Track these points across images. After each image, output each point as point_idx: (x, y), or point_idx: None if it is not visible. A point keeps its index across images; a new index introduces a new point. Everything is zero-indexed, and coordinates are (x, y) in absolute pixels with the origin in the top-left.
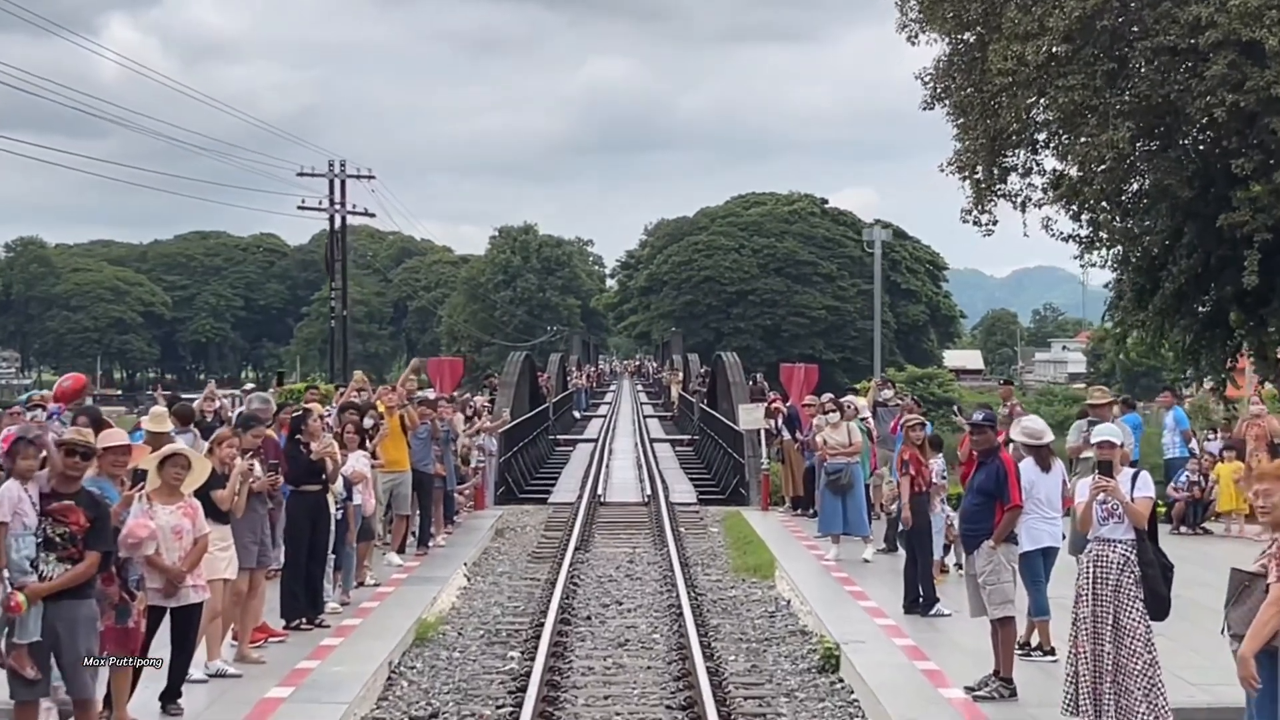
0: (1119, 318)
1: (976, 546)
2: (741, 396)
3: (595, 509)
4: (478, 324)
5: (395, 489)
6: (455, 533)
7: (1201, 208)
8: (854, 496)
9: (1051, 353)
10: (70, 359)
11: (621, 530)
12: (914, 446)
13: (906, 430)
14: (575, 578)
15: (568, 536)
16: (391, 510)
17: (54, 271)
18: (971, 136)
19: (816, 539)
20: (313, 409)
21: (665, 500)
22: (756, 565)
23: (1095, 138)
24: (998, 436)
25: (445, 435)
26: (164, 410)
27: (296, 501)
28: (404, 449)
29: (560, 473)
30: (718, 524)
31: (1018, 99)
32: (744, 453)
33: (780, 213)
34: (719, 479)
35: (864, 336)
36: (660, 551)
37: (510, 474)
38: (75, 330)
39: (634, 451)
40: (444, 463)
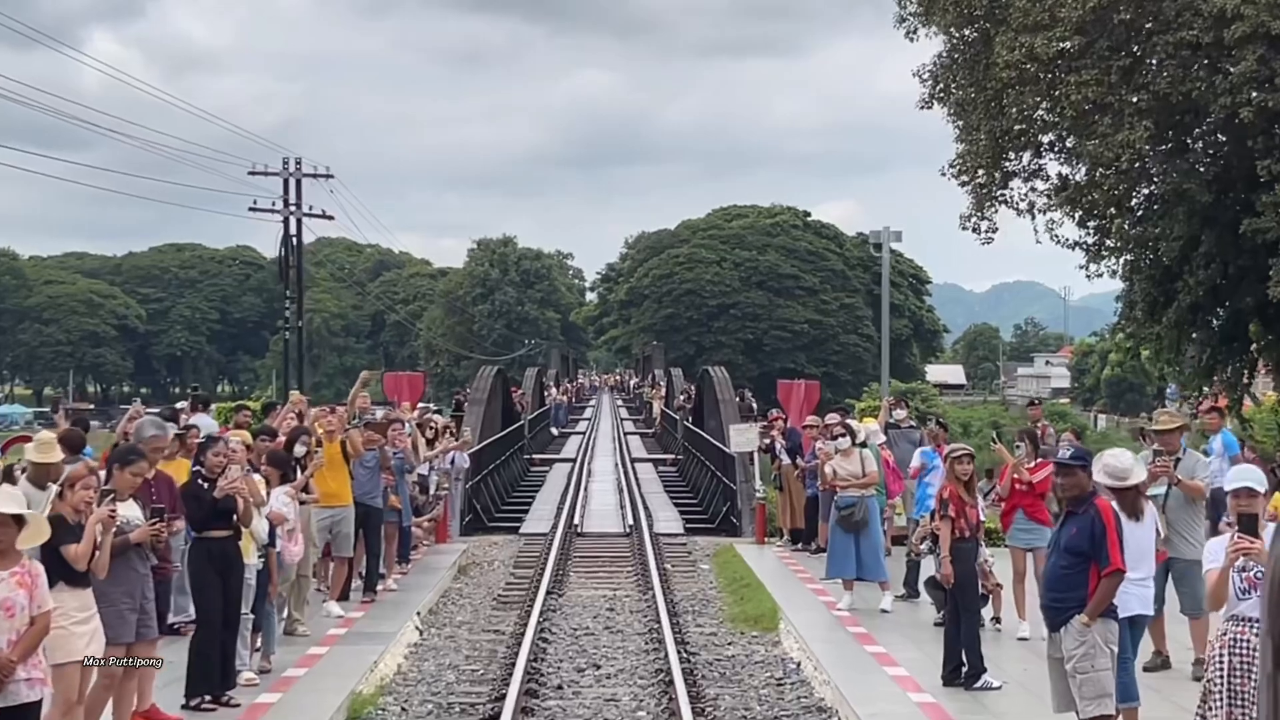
0: (1130, 330)
1: (1064, 621)
2: (732, 415)
3: (571, 541)
4: (455, 338)
5: (335, 527)
6: (411, 571)
7: (1220, 213)
8: (869, 535)
9: (1034, 367)
10: (43, 373)
11: (600, 567)
12: (959, 483)
13: (952, 463)
14: (546, 630)
15: (539, 576)
16: (332, 553)
17: (26, 284)
18: (974, 138)
19: (824, 582)
20: (230, 436)
21: (649, 531)
22: (757, 615)
23: (1109, 138)
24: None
25: (398, 463)
26: (52, 437)
27: (199, 551)
28: (345, 480)
29: (534, 497)
30: (708, 559)
31: (1025, 96)
32: (735, 477)
33: (762, 225)
34: (707, 505)
35: (847, 351)
36: (645, 595)
37: (478, 500)
38: (48, 344)
39: (614, 472)
40: (398, 494)
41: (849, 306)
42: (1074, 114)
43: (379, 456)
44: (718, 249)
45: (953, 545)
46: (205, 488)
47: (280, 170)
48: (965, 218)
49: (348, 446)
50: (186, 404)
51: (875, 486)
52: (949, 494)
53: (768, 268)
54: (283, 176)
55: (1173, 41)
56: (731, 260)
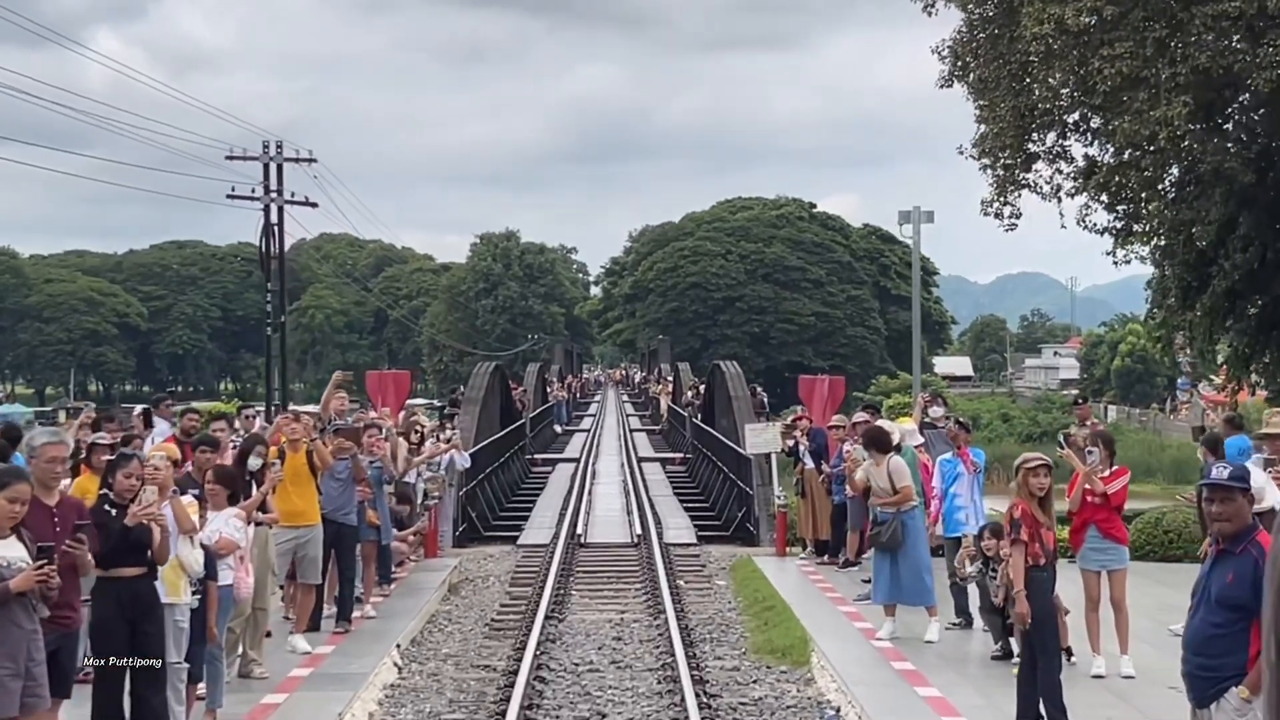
0: (1162, 318)
1: (1217, 695)
2: (746, 413)
3: (574, 553)
4: (459, 333)
5: (300, 550)
6: (394, 593)
7: (1260, 194)
8: (909, 555)
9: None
10: (44, 372)
11: (606, 584)
12: (1033, 499)
13: (1025, 475)
14: (544, 666)
15: (537, 596)
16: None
17: (26, 282)
18: (997, 115)
19: (858, 604)
20: (149, 452)
21: (659, 541)
22: (785, 646)
23: (1144, 115)
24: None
25: (375, 473)
26: None
27: (104, 593)
28: (312, 496)
29: (535, 502)
30: (724, 572)
31: (1053, 71)
32: (751, 481)
33: (767, 217)
34: (720, 510)
35: (855, 344)
36: (656, 619)
37: (473, 507)
38: (48, 342)
39: (620, 473)
40: (377, 509)
41: (856, 298)
42: (1107, 89)
43: (352, 467)
44: (723, 241)
45: (1026, 575)
46: (114, 515)
47: (260, 154)
48: (987, 203)
49: (314, 457)
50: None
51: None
52: (1020, 513)
53: (773, 260)
54: (262, 161)
55: (1212, 12)
56: (737, 253)
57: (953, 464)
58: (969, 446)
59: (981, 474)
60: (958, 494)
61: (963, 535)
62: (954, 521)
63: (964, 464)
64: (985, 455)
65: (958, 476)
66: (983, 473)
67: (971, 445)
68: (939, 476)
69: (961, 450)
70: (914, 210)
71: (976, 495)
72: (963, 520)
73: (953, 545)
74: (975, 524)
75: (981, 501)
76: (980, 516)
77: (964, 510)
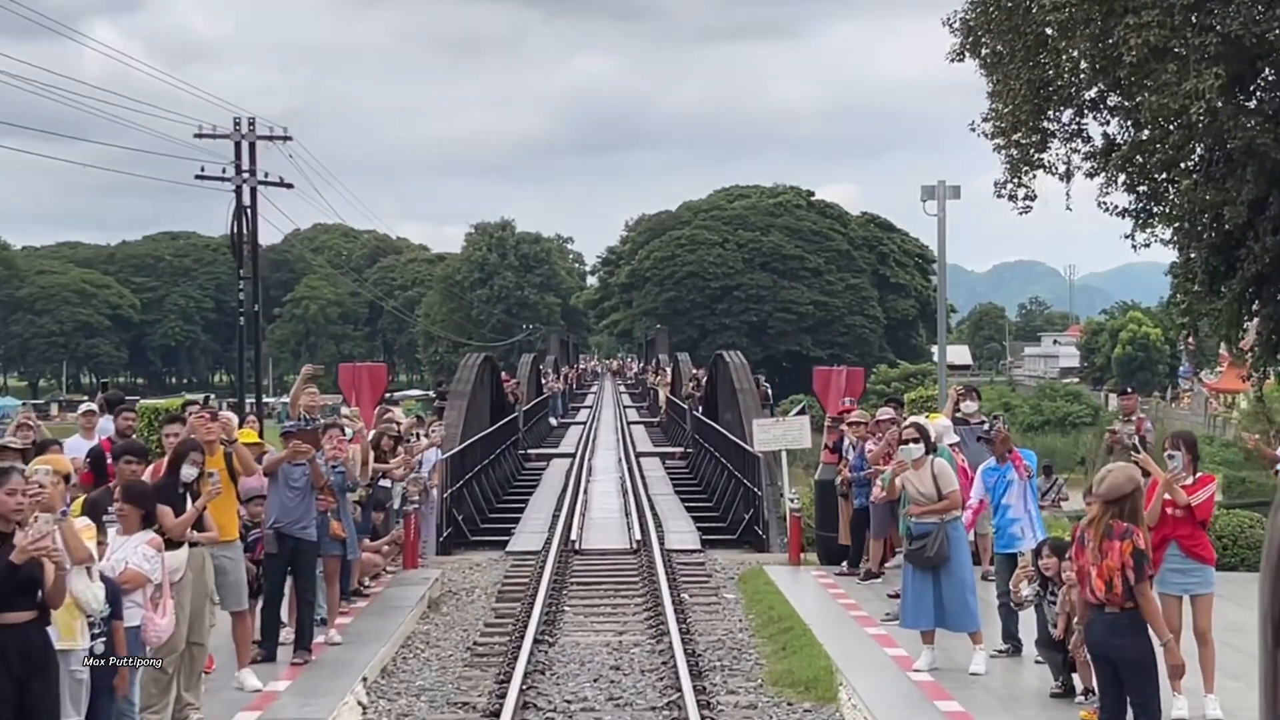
0: (1186, 303)
1: None
2: (752, 407)
3: (568, 562)
4: (454, 324)
5: (223, 570)
6: (365, 612)
7: None
8: (953, 573)
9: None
10: (36, 364)
11: (603, 599)
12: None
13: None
14: (531, 703)
15: (526, 614)
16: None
17: (18, 274)
18: (1012, 89)
19: (886, 625)
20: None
21: (660, 547)
22: (808, 678)
23: (1173, 88)
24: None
25: (338, 480)
26: None
27: None
28: (230, 508)
29: (527, 502)
30: (732, 583)
31: (1074, 42)
32: (758, 480)
33: (765, 205)
34: (725, 511)
35: (853, 333)
36: (659, 643)
37: (459, 510)
38: (41, 334)
39: (617, 469)
40: (340, 519)
41: (854, 287)
42: (1132, 61)
43: (309, 473)
44: (720, 230)
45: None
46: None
47: (230, 131)
48: (1000, 185)
49: (234, 462)
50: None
51: (959, 508)
52: (1119, 530)
53: (771, 248)
54: (233, 139)
55: None
56: (734, 241)
57: (999, 472)
58: (1018, 451)
59: (1035, 479)
60: (1010, 505)
61: (1019, 552)
62: (1008, 536)
63: (1015, 468)
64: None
65: (1009, 485)
66: (1036, 478)
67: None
68: (980, 487)
69: (1011, 454)
70: (939, 185)
71: (1031, 504)
72: (1018, 535)
73: (1005, 563)
74: (1033, 538)
75: (1038, 511)
76: (1038, 529)
77: (1018, 523)
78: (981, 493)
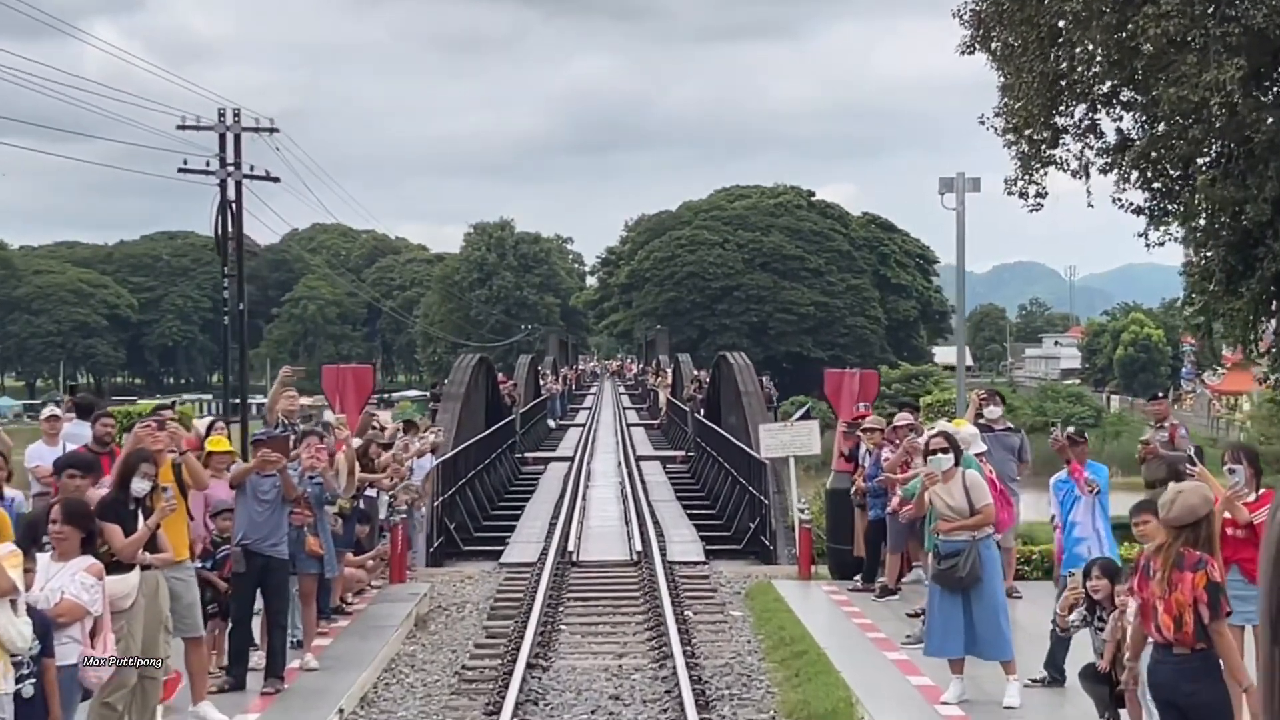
0: (1202, 303)
1: None
2: (758, 410)
3: (565, 575)
4: (452, 324)
5: (175, 594)
6: (346, 632)
7: None
8: (985, 595)
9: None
10: (33, 364)
11: (601, 616)
12: None
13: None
14: None
15: (520, 633)
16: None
17: (15, 274)
18: (1025, 83)
19: (908, 649)
20: None
21: (662, 559)
22: (826, 711)
23: (1193, 80)
24: None
25: (315, 491)
26: None
27: None
28: (182, 526)
29: (523, 509)
30: (739, 599)
31: (1089, 33)
32: (765, 488)
33: (765, 205)
34: (729, 519)
35: (854, 334)
36: (662, 667)
37: (451, 518)
38: (38, 334)
39: (617, 474)
40: (318, 534)
41: (855, 288)
42: (1153, 51)
43: (280, 485)
44: (720, 230)
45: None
46: None
47: (215, 124)
48: (1011, 182)
49: (184, 474)
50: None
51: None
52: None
53: (772, 249)
54: (218, 131)
55: None
56: (735, 241)
57: (1069, 484)
58: (1084, 465)
59: (1105, 494)
60: (1077, 521)
61: (1071, 574)
62: (1073, 556)
63: (1077, 483)
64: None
65: (1076, 500)
66: (1106, 493)
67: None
68: (1056, 504)
69: (1077, 469)
70: (957, 177)
71: (1099, 522)
72: (1083, 554)
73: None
74: None
75: (1107, 529)
76: (1107, 548)
77: (1084, 543)
78: (1056, 508)
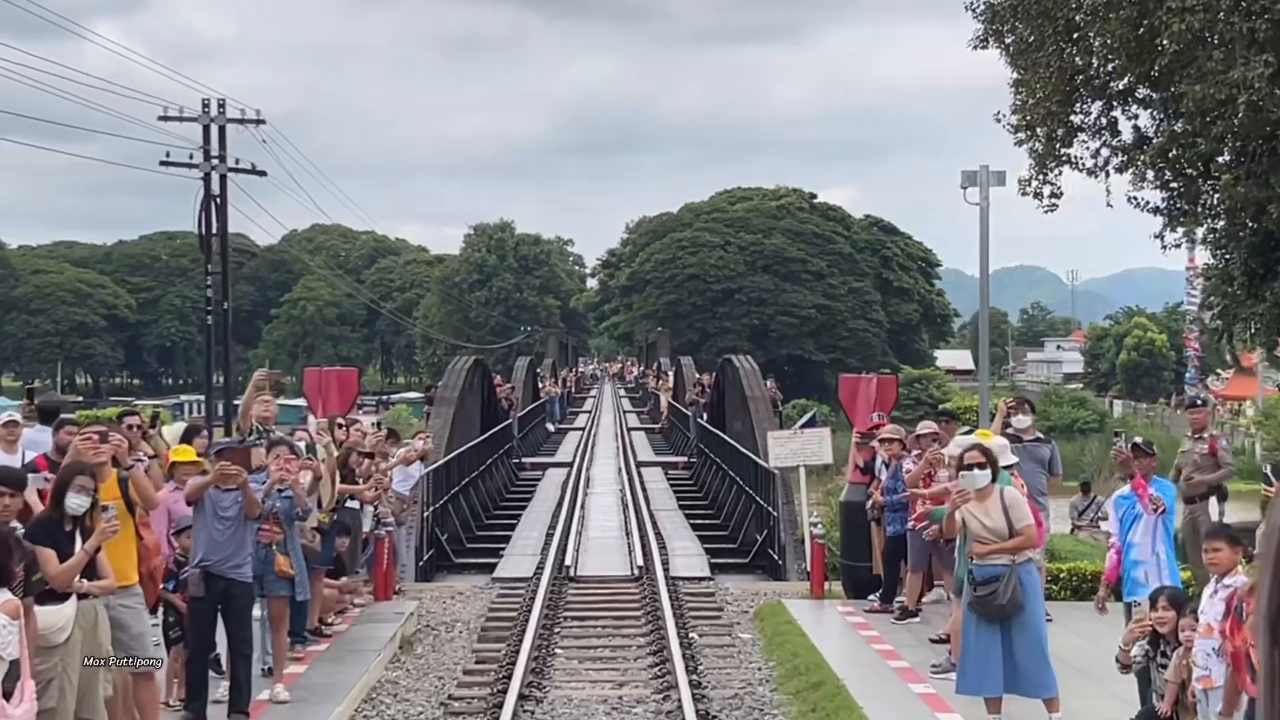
0: (1222, 306)
1: None
2: (765, 417)
3: (561, 592)
4: (452, 326)
5: (121, 624)
6: (323, 657)
7: None
8: (1027, 625)
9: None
10: (31, 364)
11: (600, 639)
12: None
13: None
14: None
15: (512, 657)
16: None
17: (13, 273)
18: (1041, 78)
19: (935, 679)
20: None
21: (665, 575)
22: None
23: (1218, 76)
24: None
25: (285, 506)
26: None
27: None
28: (129, 548)
29: (519, 518)
30: (747, 619)
31: (1108, 28)
32: (773, 499)
33: (767, 208)
34: (734, 529)
35: (855, 337)
36: (665, 699)
37: (443, 529)
38: (35, 334)
39: (617, 480)
40: (289, 553)
41: (857, 290)
42: (1176, 48)
43: (242, 500)
44: (721, 232)
45: None
46: None
47: (199, 114)
48: (1024, 182)
49: (131, 490)
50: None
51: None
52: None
53: (773, 251)
54: (201, 123)
55: None
56: (736, 244)
57: (1130, 501)
58: (1148, 480)
59: (1172, 516)
60: (1134, 543)
61: (1136, 602)
62: (1131, 582)
63: (1140, 501)
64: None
65: (1137, 518)
66: (1172, 513)
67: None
68: (1115, 522)
69: (1137, 481)
70: (981, 170)
71: (1162, 545)
72: (1142, 580)
73: (1127, 616)
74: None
75: (1170, 552)
76: (1168, 575)
77: (1143, 567)
78: (1114, 520)
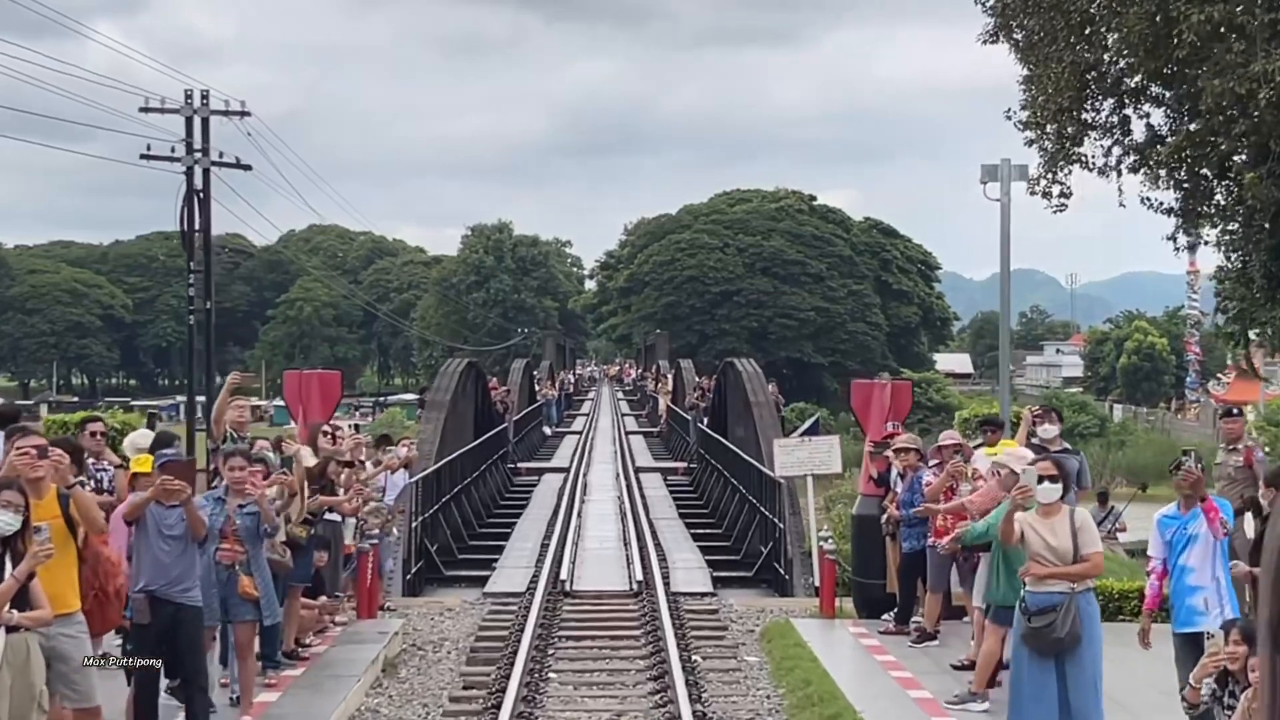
0: (1237, 309)
1: None
2: (770, 423)
3: (556, 608)
4: (449, 327)
5: (61, 656)
6: (297, 683)
7: None
8: (1082, 662)
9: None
10: (27, 364)
11: (597, 661)
12: None
13: None
14: None
15: (502, 684)
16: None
17: (9, 273)
18: (1053, 73)
19: (955, 708)
20: None
21: (665, 590)
22: None
23: (1238, 70)
24: None
25: (248, 523)
26: None
27: None
28: (70, 572)
29: (513, 527)
30: (753, 639)
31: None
32: (778, 508)
33: (766, 210)
34: (737, 540)
35: (855, 340)
36: None
37: (433, 540)
38: (32, 334)
39: (615, 487)
40: (253, 574)
41: (857, 293)
42: (1195, 40)
43: (187, 518)
44: (720, 234)
45: None
46: None
47: (181, 106)
48: (1034, 181)
49: (72, 508)
50: None
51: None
52: None
53: (772, 253)
54: (184, 114)
55: None
56: (735, 246)
57: (1179, 521)
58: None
59: (1228, 539)
60: (1192, 567)
61: (1204, 632)
62: (1186, 610)
63: (1208, 521)
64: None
65: (1190, 540)
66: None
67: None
68: (1160, 544)
69: (1209, 504)
70: (1003, 164)
71: (1221, 570)
72: (1199, 608)
73: (1183, 647)
74: (1219, 614)
75: (1229, 579)
76: (1228, 604)
77: (1201, 593)
78: (1162, 551)
